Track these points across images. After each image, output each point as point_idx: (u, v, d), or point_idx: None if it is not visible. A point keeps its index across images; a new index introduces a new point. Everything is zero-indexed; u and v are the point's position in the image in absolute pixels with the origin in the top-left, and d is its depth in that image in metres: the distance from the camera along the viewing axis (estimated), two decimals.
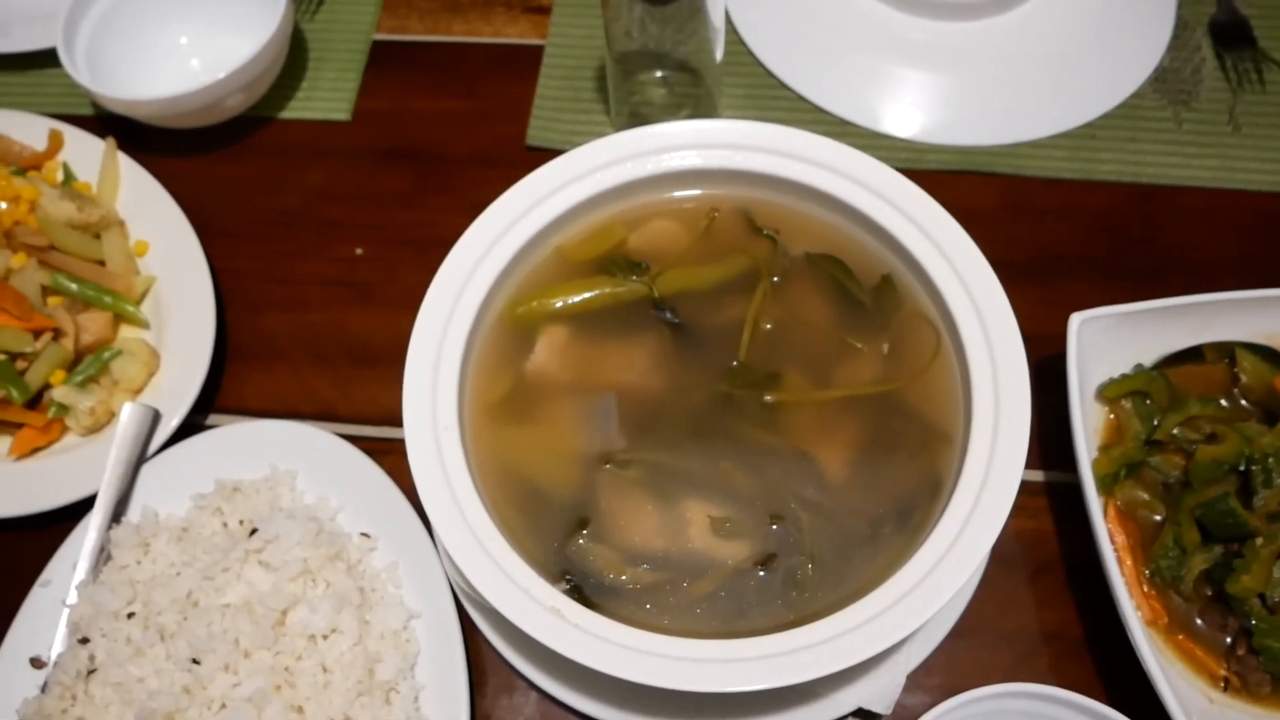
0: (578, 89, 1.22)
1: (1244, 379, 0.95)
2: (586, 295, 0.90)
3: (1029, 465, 0.96)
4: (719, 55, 1.11)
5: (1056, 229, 1.12)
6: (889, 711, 0.85)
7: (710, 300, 0.90)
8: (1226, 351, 0.97)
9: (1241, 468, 0.90)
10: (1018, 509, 0.93)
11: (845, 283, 0.89)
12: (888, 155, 1.13)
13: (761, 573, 0.79)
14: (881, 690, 0.85)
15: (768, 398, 0.85)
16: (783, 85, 1.21)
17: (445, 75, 1.24)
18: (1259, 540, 0.86)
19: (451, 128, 1.21)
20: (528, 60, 1.25)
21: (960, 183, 1.14)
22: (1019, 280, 1.04)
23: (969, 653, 0.90)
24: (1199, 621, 0.88)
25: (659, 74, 1.17)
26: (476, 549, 0.76)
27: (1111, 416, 0.96)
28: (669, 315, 0.88)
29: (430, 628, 0.88)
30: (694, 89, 1.18)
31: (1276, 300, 0.96)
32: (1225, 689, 0.85)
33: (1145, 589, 0.88)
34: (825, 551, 0.79)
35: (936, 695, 0.86)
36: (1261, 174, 1.13)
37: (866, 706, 0.85)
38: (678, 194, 0.94)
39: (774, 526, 0.80)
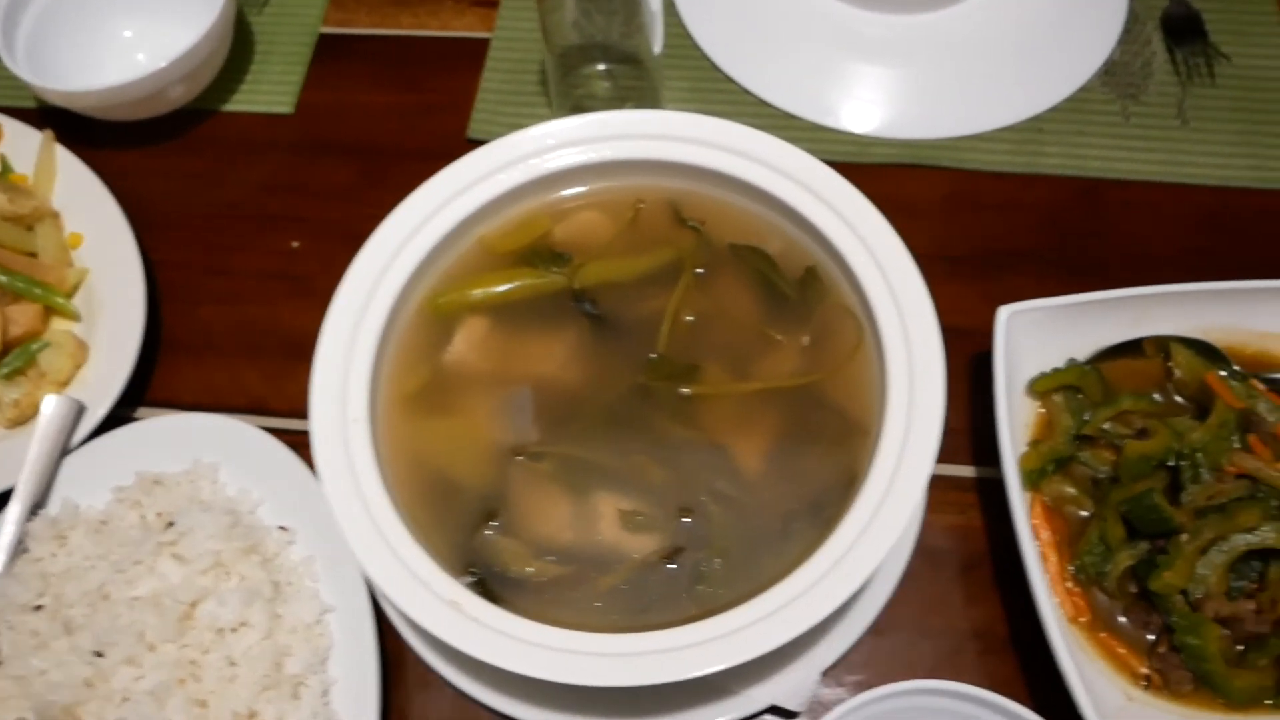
0: (522, 82, 1.21)
1: (1178, 374, 0.94)
2: (507, 287, 0.89)
3: (960, 460, 0.95)
4: (657, 46, 1.10)
5: (1000, 223, 1.10)
6: (803, 709, 0.84)
7: (632, 292, 0.89)
8: (1164, 346, 0.95)
9: (1171, 463, 0.88)
10: (947, 505, 0.92)
11: (769, 275, 0.88)
12: (831, 149, 1.13)
13: (668, 566, 0.78)
14: (796, 688, 0.83)
15: (685, 390, 0.84)
16: (727, 79, 1.20)
17: (390, 68, 1.24)
18: (1184, 536, 0.84)
19: (395, 121, 1.20)
20: (474, 53, 1.24)
21: (905, 176, 1.13)
22: (961, 274, 1.04)
23: (890, 650, 0.89)
24: (1123, 619, 0.86)
25: (602, 67, 1.16)
26: (377, 540, 0.75)
27: (1043, 411, 0.94)
28: (589, 307, 0.88)
29: (345, 622, 0.87)
30: (638, 81, 1.17)
31: (1211, 294, 0.95)
32: (1147, 687, 0.84)
33: (1069, 585, 0.87)
34: (734, 545, 0.78)
35: (854, 693, 0.84)
36: (1208, 168, 1.12)
37: (780, 704, 0.83)
38: (604, 185, 0.93)
39: (684, 520, 0.79)
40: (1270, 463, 0.86)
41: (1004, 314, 0.91)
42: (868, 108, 1.16)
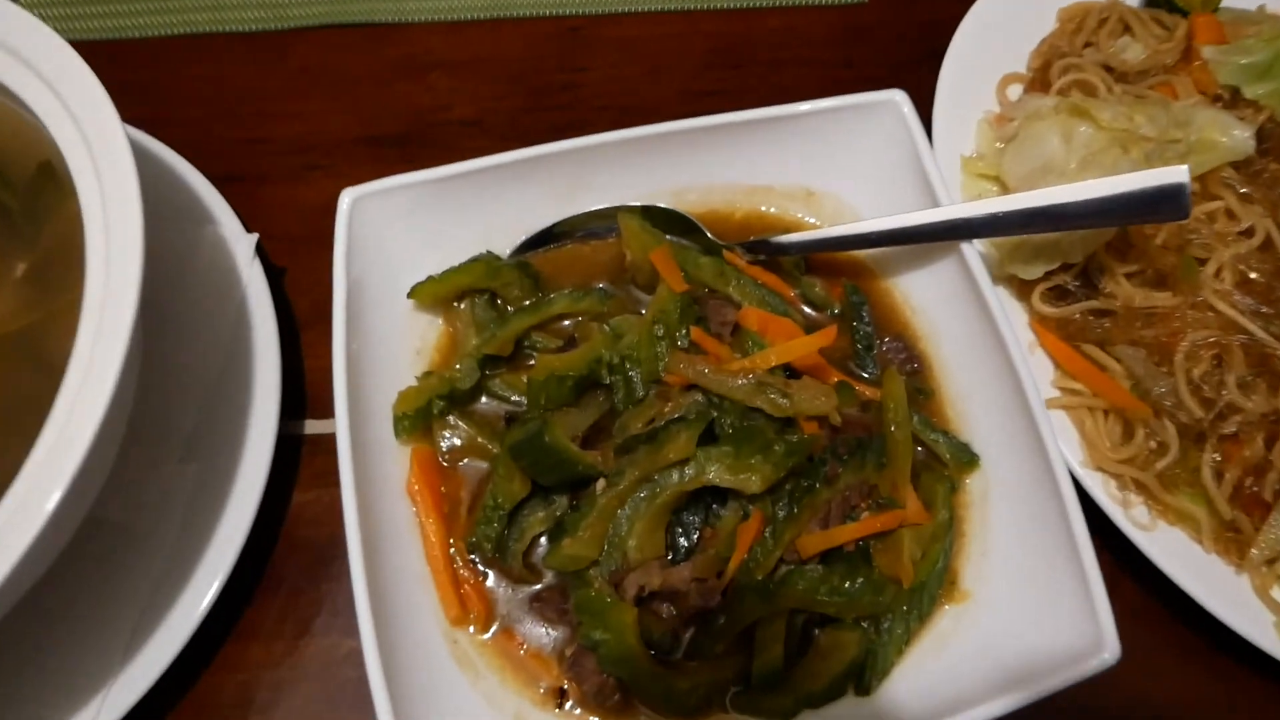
0: None
1: (629, 255, 0.68)
2: None
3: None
4: None
5: (454, 85, 0.84)
6: None
7: None
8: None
9: (609, 381, 0.63)
10: (313, 479, 0.66)
11: None
12: (239, 17, 0.86)
13: None
14: None
15: None
16: None
17: None
18: (599, 484, 0.59)
19: None
20: None
21: (334, 42, 0.85)
22: (389, 158, 0.78)
23: (216, 694, 0.62)
24: (534, 614, 0.61)
25: None
26: None
27: (450, 330, 0.68)
28: None
29: None
30: None
31: (676, 139, 0.69)
32: (561, 704, 0.58)
33: (461, 572, 0.61)
34: None
35: None
36: None
37: None
38: None
39: None
40: (725, 364, 0.61)
41: (346, 200, 0.64)
42: None
